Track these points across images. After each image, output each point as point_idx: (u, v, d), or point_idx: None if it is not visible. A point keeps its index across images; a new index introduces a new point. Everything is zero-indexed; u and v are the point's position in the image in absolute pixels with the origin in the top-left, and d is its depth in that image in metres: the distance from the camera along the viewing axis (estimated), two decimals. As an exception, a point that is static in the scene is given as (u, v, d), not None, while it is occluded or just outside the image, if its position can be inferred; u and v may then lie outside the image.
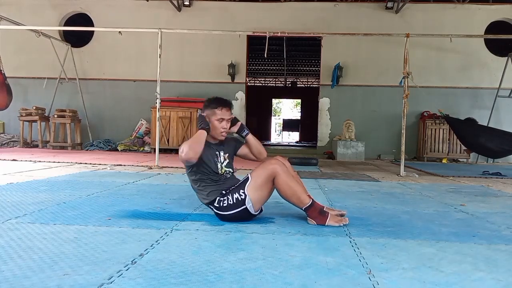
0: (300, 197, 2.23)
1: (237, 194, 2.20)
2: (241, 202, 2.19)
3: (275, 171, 2.19)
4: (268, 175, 2.19)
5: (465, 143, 7.06)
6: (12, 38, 8.99)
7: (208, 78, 9.44)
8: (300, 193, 2.23)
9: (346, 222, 2.24)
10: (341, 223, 2.22)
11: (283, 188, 2.21)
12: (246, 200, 2.18)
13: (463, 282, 1.44)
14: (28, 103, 9.24)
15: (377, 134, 9.18)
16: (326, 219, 2.22)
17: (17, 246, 1.69)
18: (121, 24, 8.84)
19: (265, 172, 2.20)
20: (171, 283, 1.33)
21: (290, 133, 24.62)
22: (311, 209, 2.23)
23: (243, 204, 2.19)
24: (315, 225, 2.22)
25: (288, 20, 9.17)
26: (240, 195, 2.19)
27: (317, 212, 2.23)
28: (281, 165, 2.22)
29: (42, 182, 3.64)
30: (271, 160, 2.25)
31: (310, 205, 2.23)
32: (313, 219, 2.24)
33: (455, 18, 9.10)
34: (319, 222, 2.22)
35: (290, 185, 2.21)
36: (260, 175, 2.21)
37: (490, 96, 8.73)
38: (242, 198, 2.18)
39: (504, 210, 2.96)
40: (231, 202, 2.20)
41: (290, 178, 2.22)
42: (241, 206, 2.19)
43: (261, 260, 1.60)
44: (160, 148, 6.12)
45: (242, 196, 2.19)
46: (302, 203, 2.23)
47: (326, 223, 2.21)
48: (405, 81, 5.46)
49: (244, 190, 2.19)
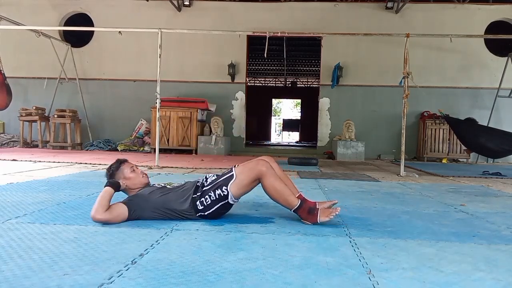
0: (288, 199, 2.23)
1: (219, 190, 2.20)
2: (223, 198, 2.20)
3: (262, 173, 2.19)
4: (254, 176, 2.21)
5: (465, 143, 7.06)
6: (12, 38, 9.00)
7: (208, 78, 9.44)
8: (288, 196, 2.23)
9: (337, 211, 2.20)
10: (331, 215, 2.19)
11: (270, 191, 2.23)
12: (228, 196, 2.19)
13: (463, 282, 1.44)
14: (28, 103, 9.24)
15: (377, 134, 9.18)
16: (316, 216, 2.21)
17: (17, 246, 1.69)
18: (121, 24, 8.84)
19: (251, 173, 2.21)
20: (171, 283, 1.33)
21: (290, 133, 24.61)
22: (300, 210, 2.23)
23: (225, 199, 2.20)
24: (315, 225, 2.22)
25: (288, 20, 9.17)
26: (223, 191, 2.19)
27: (306, 212, 2.23)
28: (268, 168, 2.22)
29: (42, 182, 3.64)
30: (259, 161, 2.26)
31: (299, 207, 2.22)
32: (305, 220, 2.25)
33: (455, 18, 9.11)
34: (311, 221, 2.22)
35: (277, 188, 2.21)
36: (246, 176, 2.21)
37: (490, 96, 8.73)
38: (224, 194, 2.19)
39: (504, 210, 2.96)
40: (214, 198, 2.20)
41: (277, 181, 2.22)
42: (223, 201, 2.21)
43: (261, 260, 1.60)
44: (160, 148, 6.12)
45: (224, 192, 2.19)
46: (290, 205, 2.24)
47: (318, 221, 2.20)
48: (405, 81, 5.46)
49: (227, 187, 2.19)
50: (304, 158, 6.76)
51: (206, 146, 8.41)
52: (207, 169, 5.38)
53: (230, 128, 9.52)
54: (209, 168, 5.42)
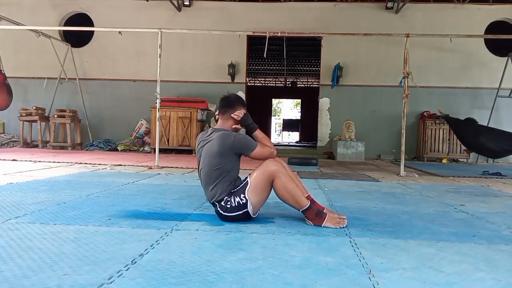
0: (298, 200, 2.23)
1: (238, 198, 2.21)
2: (243, 206, 2.20)
3: (274, 174, 2.20)
4: (267, 178, 2.21)
5: (465, 143, 7.06)
6: (12, 38, 9.00)
7: (208, 78, 9.44)
8: (298, 196, 2.23)
9: (344, 224, 2.22)
10: (339, 225, 2.20)
11: (281, 191, 2.22)
12: (247, 204, 2.20)
13: (463, 282, 1.44)
14: (28, 103, 9.24)
15: (377, 134, 9.18)
16: (323, 220, 2.22)
17: (17, 246, 1.69)
18: (121, 24, 8.84)
19: (264, 175, 2.21)
20: (171, 283, 1.33)
21: (290, 133, 24.62)
22: (309, 212, 2.24)
23: (245, 207, 2.21)
24: (315, 225, 2.22)
25: (288, 20, 9.17)
26: (241, 199, 2.20)
27: (314, 214, 2.24)
28: (280, 167, 2.22)
29: (42, 182, 3.64)
30: (269, 162, 2.25)
31: (308, 208, 2.23)
32: (310, 221, 2.25)
33: (455, 18, 9.10)
34: (316, 223, 2.23)
35: (289, 188, 2.21)
36: (259, 180, 2.22)
37: (490, 96, 8.73)
38: (243, 202, 2.20)
39: (504, 210, 2.96)
40: (234, 205, 2.21)
41: (289, 181, 2.22)
42: (242, 209, 2.21)
43: (261, 260, 1.60)
44: (160, 148, 6.12)
45: (243, 200, 2.20)
46: (300, 206, 2.24)
47: (323, 224, 2.21)
48: (405, 81, 5.46)
49: (244, 194, 2.20)
50: (304, 158, 6.76)
51: (206, 146, 8.38)
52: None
53: (230, 128, 9.50)
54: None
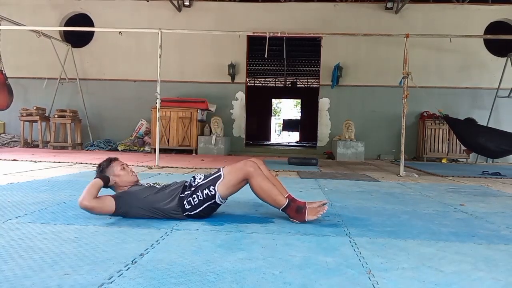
0: (275, 199, 2.27)
1: (207, 190, 2.22)
2: (211, 197, 2.23)
3: (249, 174, 2.24)
4: (242, 177, 2.25)
5: (464, 143, 7.06)
6: (12, 38, 8.98)
7: (208, 78, 9.44)
8: (275, 195, 2.27)
9: (324, 210, 2.27)
10: (319, 214, 2.25)
11: (258, 191, 2.27)
12: (216, 196, 2.22)
13: (463, 282, 1.44)
14: (29, 103, 9.24)
15: (377, 134, 9.18)
16: (304, 215, 2.25)
17: (18, 246, 1.69)
18: (121, 24, 8.85)
19: (239, 174, 2.25)
20: (171, 283, 1.34)
21: (290, 133, 24.61)
22: (288, 209, 2.28)
23: (213, 198, 2.23)
24: (315, 225, 2.22)
25: (288, 20, 9.17)
26: (210, 191, 2.22)
27: (295, 211, 2.27)
28: (255, 168, 2.26)
29: (43, 182, 3.65)
30: (246, 162, 2.29)
31: (287, 206, 2.27)
32: (293, 218, 2.29)
33: (454, 19, 9.11)
34: (299, 220, 2.27)
35: (264, 188, 2.25)
36: (234, 176, 2.25)
37: (489, 96, 8.73)
38: (212, 194, 2.22)
39: (503, 210, 2.97)
40: (201, 198, 2.23)
41: (264, 181, 2.26)
42: (210, 201, 2.23)
43: (261, 260, 1.61)
44: (160, 148, 6.13)
45: (212, 192, 2.22)
46: (278, 205, 2.28)
47: (306, 219, 2.25)
48: (405, 81, 5.47)
49: (215, 187, 2.22)
50: (304, 158, 6.76)
51: (206, 146, 8.41)
52: (207, 169, 5.38)
53: (230, 128, 9.53)
54: (209, 168, 5.42)
